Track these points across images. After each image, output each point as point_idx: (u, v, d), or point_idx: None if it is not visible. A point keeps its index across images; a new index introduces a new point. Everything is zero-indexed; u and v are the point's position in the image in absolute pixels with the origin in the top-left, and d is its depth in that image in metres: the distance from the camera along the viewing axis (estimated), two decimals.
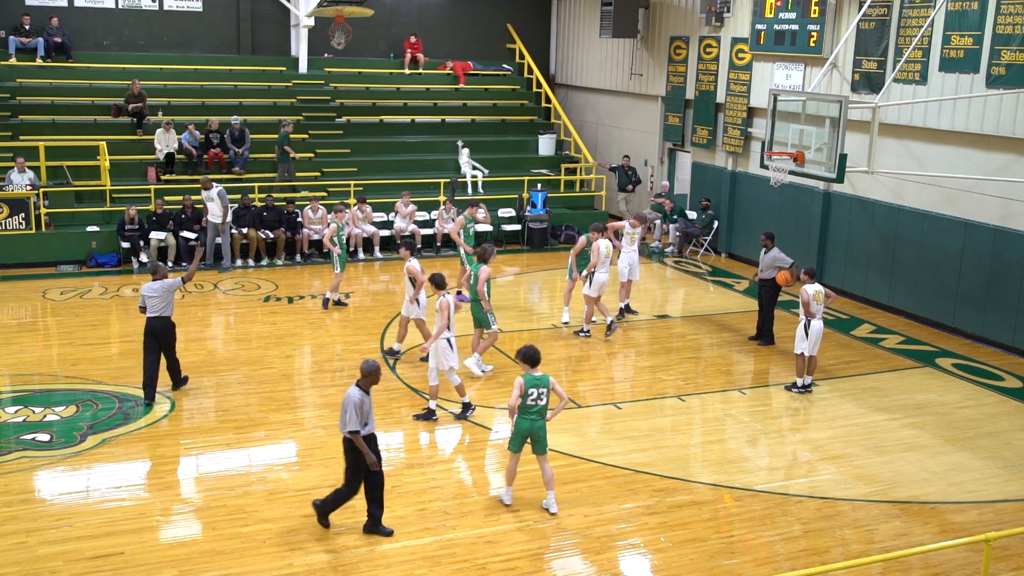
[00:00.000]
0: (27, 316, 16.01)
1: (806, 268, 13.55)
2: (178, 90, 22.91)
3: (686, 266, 20.83)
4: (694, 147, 22.47)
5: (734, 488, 10.52)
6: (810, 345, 13.17)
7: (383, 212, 21.21)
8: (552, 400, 9.89)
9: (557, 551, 9.14)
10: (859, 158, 15.85)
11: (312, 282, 18.63)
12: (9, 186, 18.95)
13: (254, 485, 10.25)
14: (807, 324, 13.14)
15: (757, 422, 12.47)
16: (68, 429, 11.48)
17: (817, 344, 13.23)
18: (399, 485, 10.29)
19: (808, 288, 13.15)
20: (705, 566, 8.90)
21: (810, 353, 13.24)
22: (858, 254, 18.05)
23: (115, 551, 8.85)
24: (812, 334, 13.13)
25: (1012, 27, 14.48)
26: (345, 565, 8.74)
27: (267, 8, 24.92)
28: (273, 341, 15.03)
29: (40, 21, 22.56)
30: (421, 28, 26.26)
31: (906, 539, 9.47)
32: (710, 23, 20.97)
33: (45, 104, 21.63)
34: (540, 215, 22.16)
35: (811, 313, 13.11)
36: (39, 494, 9.97)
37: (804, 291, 13.14)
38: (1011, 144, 14.89)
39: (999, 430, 12.32)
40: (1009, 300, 15.17)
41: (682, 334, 16.14)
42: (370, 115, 24.27)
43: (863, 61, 17.27)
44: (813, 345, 13.18)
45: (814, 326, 13.13)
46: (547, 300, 17.95)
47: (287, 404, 12.58)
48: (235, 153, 21.25)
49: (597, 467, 10.90)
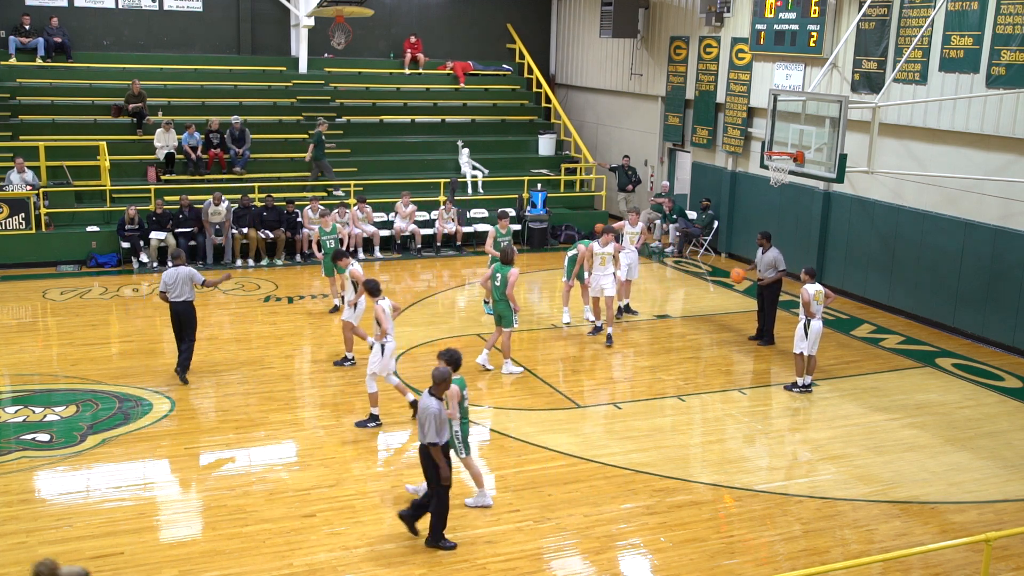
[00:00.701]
0: (27, 316, 16.01)
1: (806, 268, 13.56)
2: (178, 90, 22.91)
3: (686, 266, 20.83)
4: (694, 147, 22.47)
5: (734, 488, 10.52)
6: (809, 345, 13.18)
7: (383, 212, 21.22)
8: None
9: (557, 551, 9.14)
10: (859, 158, 15.85)
11: (312, 282, 18.63)
12: (9, 186, 18.96)
13: (254, 485, 10.25)
14: (807, 324, 13.15)
15: (757, 422, 12.48)
16: (68, 429, 11.48)
17: (816, 344, 13.24)
18: (399, 485, 10.30)
19: (808, 288, 13.16)
20: (705, 566, 8.91)
21: (809, 353, 13.25)
22: (858, 254, 18.05)
23: (115, 551, 8.85)
24: (811, 334, 13.14)
25: (1012, 27, 14.48)
26: (345, 565, 8.75)
27: (267, 8, 24.92)
28: (273, 341, 15.03)
29: (40, 21, 22.56)
30: (421, 28, 26.27)
31: (906, 539, 9.47)
32: (710, 23, 20.97)
33: (45, 104, 21.63)
34: (540, 215, 22.16)
35: (811, 313, 13.12)
36: (39, 494, 9.97)
37: (804, 291, 13.15)
38: (1011, 144, 14.89)
39: (999, 430, 12.32)
40: (1009, 300, 15.17)
41: (682, 334, 16.14)
42: (370, 115, 24.26)
43: (863, 61, 17.27)
44: (812, 345, 13.19)
45: (813, 326, 13.13)
46: (547, 300, 17.96)
47: (287, 404, 12.58)
48: (235, 153, 21.26)
49: (597, 467, 10.90)
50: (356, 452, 11.16)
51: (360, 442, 11.44)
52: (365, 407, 12.15)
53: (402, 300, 17.54)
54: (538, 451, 11.28)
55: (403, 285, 18.89)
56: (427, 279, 19.33)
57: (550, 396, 13.06)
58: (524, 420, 12.21)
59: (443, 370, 8.91)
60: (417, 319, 16.34)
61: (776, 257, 15.09)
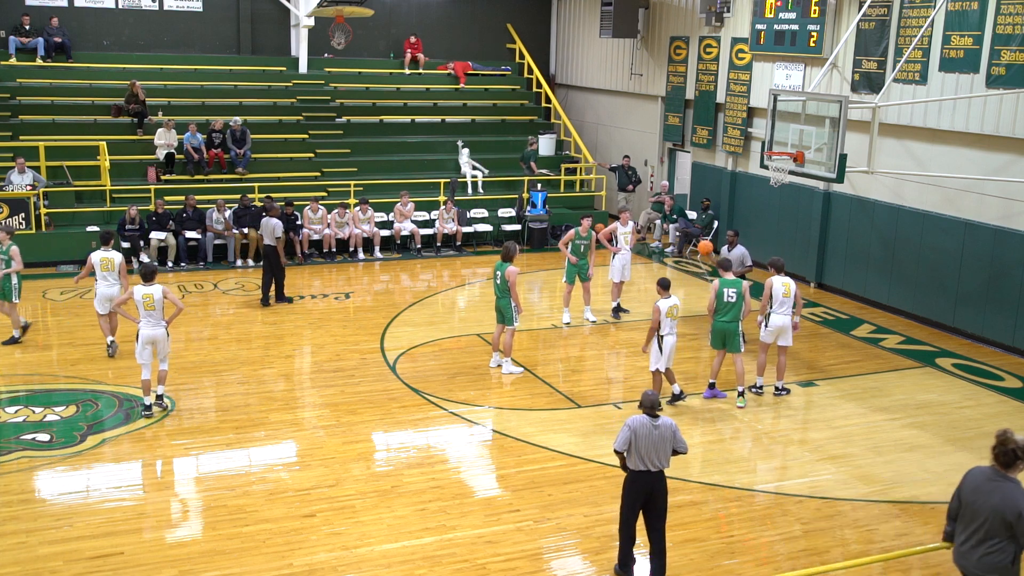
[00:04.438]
0: (27, 316, 16.00)
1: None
2: (178, 90, 22.91)
3: (686, 266, 20.82)
4: (694, 147, 22.47)
5: (734, 488, 10.52)
6: (666, 359, 12.21)
7: (383, 212, 21.23)
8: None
9: (557, 551, 9.15)
10: (859, 158, 15.85)
11: (312, 282, 18.64)
12: (9, 186, 18.96)
13: (254, 485, 10.25)
14: (660, 339, 12.18)
15: (757, 422, 12.47)
16: (68, 429, 11.48)
17: (670, 358, 12.35)
18: (399, 485, 10.30)
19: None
20: (705, 566, 8.90)
21: (667, 366, 12.33)
22: (858, 254, 18.05)
23: (115, 551, 8.85)
24: (666, 348, 12.18)
25: (1012, 27, 14.48)
26: (345, 565, 8.75)
27: (267, 8, 24.92)
28: (273, 341, 15.03)
29: (40, 21, 22.56)
30: (421, 28, 26.27)
31: (906, 539, 9.47)
32: (710, 23, 20.97)
33: (45, 104, 21.63)
34: (540, 215, 22.17)
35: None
36: (39, 494, 9.97)
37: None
38: (1011, 144, 14.89)
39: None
40: (1009, 300, 15.17)
41: (682, 334, 16.08)
42: (370, 115, 24.26)
43: (863, 61, 17.27)
44: (667, 359, 12.24)
45: (667, 341, 12.21)
46: (547, 300, 17.95)
47: (287, 404, 12.58)
48: (236, 154, 21.26)
49: (597, 467, 10.90)
50: (356, 452, 11.16)
51: (360, 442, 11.44)
52: (362, 409, 12.12)
53: (402, 300, 17.57)
54: (538, 451, 11.28)
55: (403, 285, 18.90)
56: (427, 279, 19.33)
57: (550, 396, 13.06)
58: (524, 420, 12.21)
59: (650, 393, 8.47)
60: (417, 319, 16.34)
61: (744, 253, 15.56)
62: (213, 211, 19.41)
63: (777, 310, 12.83)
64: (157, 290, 11.78)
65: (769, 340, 12.99)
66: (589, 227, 16.06)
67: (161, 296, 11.78)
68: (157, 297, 11.75)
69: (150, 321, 11.78)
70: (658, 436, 8.27)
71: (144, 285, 11.79)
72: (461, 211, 21.68)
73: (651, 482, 8.39)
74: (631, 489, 8.45)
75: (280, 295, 16.98)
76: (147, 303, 11.72)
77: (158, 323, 11.81)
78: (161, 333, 11.85)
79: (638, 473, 8.35)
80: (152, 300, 11.73)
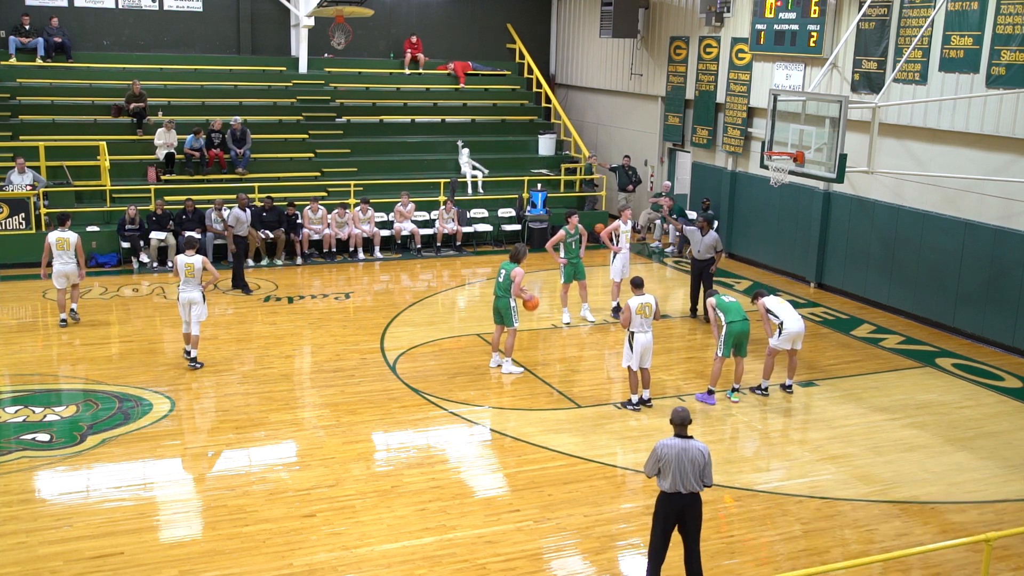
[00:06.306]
0: (27, 316, 16.01)
1: (633, 278, 12.65)
2: (178, 90, 22.90)
3: (686, 266, 20.80)
4: (694, 147, 22.47)
5: (734, 488, 10.52)
6: (638, 358, 12.23)
7: (383, 212, 21.23)
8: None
9: (557, 551, 9.15)
10: (859, 158, 15.84)
11: (312, 282, 18.64)
12: (9, 186, 18.95)
13: (254, 485, 10.25)
14: (631, 337, 12.19)
15: (757, 422, 12.48)
16: (68, 429, 11.48)
17: (647, 357, 12.33)
18: (399, 485, 10.30)
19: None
20: (705, 566, 8.88)
21: (641, 365, 12.35)
22: (858, 254, 18.05)
23: (115, 551, 8.85)
24: (637, 346, 12.13)
25: (1012, 27, 14.48)
26: (345, 565, 8.75)
27: (267, 8, 24.92)
28: (273, 341, 15.03)
29: (40, 21, 22.55)
30: (421, 28, 26.26)
31: (906, 539, 9.47)
32: (710, 23, 20.97)
33: (45, 104, 21.61)
34: (540, 215, 22.16)
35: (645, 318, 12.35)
36: (39, 494, 9.97)
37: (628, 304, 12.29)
38: (1011, 144, 14.89)
39: (999, 430, 12.32)
40: (1009, 300, 15.16)
41: (682, 334, 16.14)
42: (370, 115, 24.25)
43: (863, 61, 17.27)
44: (642, 357, 12.27)
45: (639, 339, 12.20)
46: (546, 300, 17.95)
47: (287, 404, 12.58)
48: (236, 154, 21.25)
49: (597, 467, 10.90)
50: (356, 452, 11.16)
51: (360, 442, 11.44)
52: (362, 409, 12.13)
53: (402, 300, 17.57)
54: (538, 451, 11.28)
55: (403, 285, 18.90)
56: (427, 279, 19.33)
57: (550, 396, 13.06)
58: (524, 420, 12.21)
59: (680, 410, 8.21)
60: (417, 319, 16.34)
61: (716, 239, 16.14)
62: (212, 211, 19.40)
63: (790, 319, 12.93)
64: (197, 260, 13.41)
65: (786, 347, 13.04)
66: (576, 223, 16.06)
67: (200, 266, 13.42)
68: (197, 267, 13.40)
69: (189, 286, 13.43)
70: (688, 458, 7.95)
71: (186, 256, 13.41)
72: (461, 211, 21.68)
73: (683, 505, 8.09)
74: (662, 510, 8.18)
75: (237, 281, 17.71)
76: (188, 271, 13.36)
77: (196, 288, 13.46)
78: (197, 296, 13.46)
79: (670, 495, 8.08)
80: (192, 269, 13.38)
